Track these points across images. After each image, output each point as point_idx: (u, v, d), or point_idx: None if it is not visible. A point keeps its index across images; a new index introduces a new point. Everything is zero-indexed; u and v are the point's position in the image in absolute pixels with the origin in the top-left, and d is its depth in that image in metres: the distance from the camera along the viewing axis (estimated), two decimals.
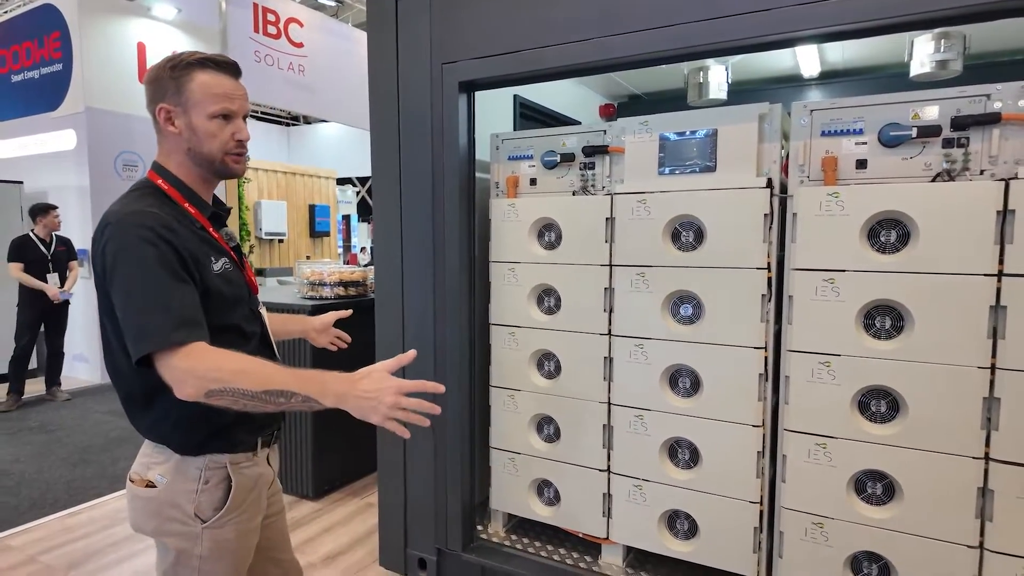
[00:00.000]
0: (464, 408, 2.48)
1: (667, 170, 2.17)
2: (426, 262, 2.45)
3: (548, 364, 2.47)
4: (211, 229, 1.33)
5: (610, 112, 4.16)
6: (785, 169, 2.07)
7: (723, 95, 3.14)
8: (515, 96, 3.04)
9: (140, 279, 1.15)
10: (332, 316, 1.73)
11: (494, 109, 2.89)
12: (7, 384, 5.29)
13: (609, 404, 2.33)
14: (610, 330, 2.30)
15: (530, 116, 3.17)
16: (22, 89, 6.60)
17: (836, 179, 1.92)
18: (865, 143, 1.89)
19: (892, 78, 3.21)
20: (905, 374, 1.84)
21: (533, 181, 2.46)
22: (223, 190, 6.94)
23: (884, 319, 1.88)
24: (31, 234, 5.21)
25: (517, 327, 2.49)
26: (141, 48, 6.48)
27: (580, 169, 2.36)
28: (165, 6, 6.69)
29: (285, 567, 1.58)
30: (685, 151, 2.13)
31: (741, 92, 3.57)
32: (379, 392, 1.09)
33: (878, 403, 1.91)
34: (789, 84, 3.58)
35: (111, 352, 1.28)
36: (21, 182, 6.37)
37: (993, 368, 1.74)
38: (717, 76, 3.10)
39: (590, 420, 2.36)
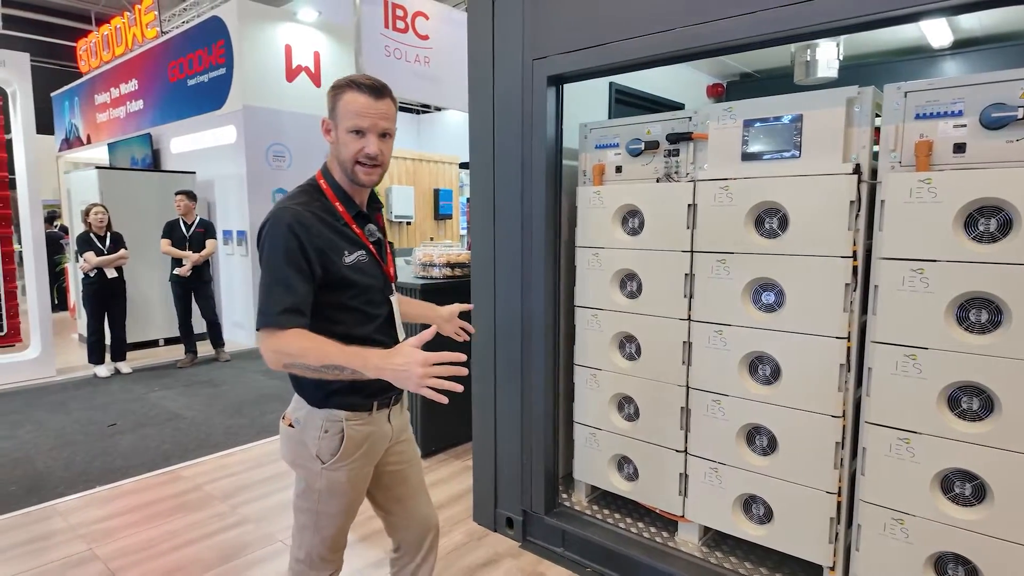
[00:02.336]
0: (549, 383, 2.66)
1: (750, 156, 2.16)
2: (515, 246, 2.63)
3: (629, 346, 2.56)
4: (354, 225, 1.54)
5: (718, 92, 4.07)
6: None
7: (833, 73, 2.99)
8: (610, 83, 3.11)
9: (271, 267, 1.42)
10: (457, 308, 1.88)
11: (590, 97, 2.98)
12: (184, 346, 6.32)
13: (688, 387, 2.39)
14: (690, 315, 2.35)
15: (626, 102, 3.22)
16: (195, 91, 7.64)
17: (930, 164, 1.83)
18: (964, 125, 1.78)
19: None
20: (1000, 371, 1.73)
21: (619, 169, 2.54)
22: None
23: (980, 312, 1.78)
24: (180, 218, 6.09)
25: (600, 309, 2.60)
26: (288, 50, 7.23)
27: (664, 156, 2.41)
28: (308, 10, 7.38)
29: (411, 510, 1.75)
30: (769, 137, 2.11)
31: (859, 67, 3.37)
32: (408, 365, 1.26)
33: (970, 400, 1.81)
34: (916, 56, 3.30)
35: None
36: (194, 172, 7.42)
37: None
38: (827, 53, 2.96)
39: (669, 402, 2.44)
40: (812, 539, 2.13)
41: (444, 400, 1.26)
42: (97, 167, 7.00)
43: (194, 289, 6.14)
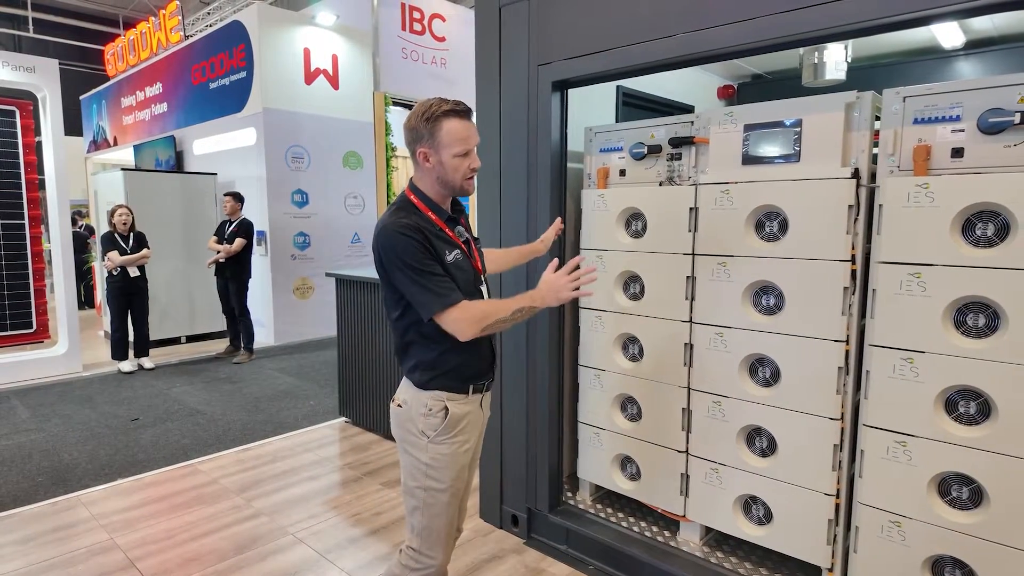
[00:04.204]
0: (554, 384, 2.70)
1: (751, 160, 2.18)
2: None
3: (632, 347, 2.60)
4: (447, 229, 1.72)
5: (730, 94, 4.07)
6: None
7: (841, 75, 2.99)
8: (617, 87, 3.14)
9: (410, 268, 1.59)
10: (550, 232, 2.21)
11: (598, 99, 3.02)
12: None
13: (689, 389, 2.42)
14: (691, 317, 2.38)
15: (634, 104, 3.25)
16: (218, 94, 7.81)
17: (928, 169, 1.84)
18: (963, 130, 1.79)
19: None
20: (997, 375, 1.74)
21: (623, 172, 2.58)
22: (366, 176, 7.68)
23: (977, 316, 1.79)
24: (228, 218, 6.28)
25: (604, 311, 2.64)
26: (306, 53, 7.36)
27: (667, 160, 2.44)
28: (326, 13, 7.50)
29: (464, 500, 1.93)
30: (769, 141, 2.13)
31: (868, 69, 3.36)
32: (555, 281, 1.65)
33: (967, 404, 1.82)
34: (928, 57, 3.27)
35: (390, 317, 1.77)
36: (215, 173, 7.59)
37: None
38: (835, 55, 2.95)
39: (670, 403, 2.47)
40: (811, 541, 2.15)
41: (591, 293, 1.66)
42: (123, 169, 7.20)
43: (227, 285, 6.34)
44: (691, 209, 2.34)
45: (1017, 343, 1.70)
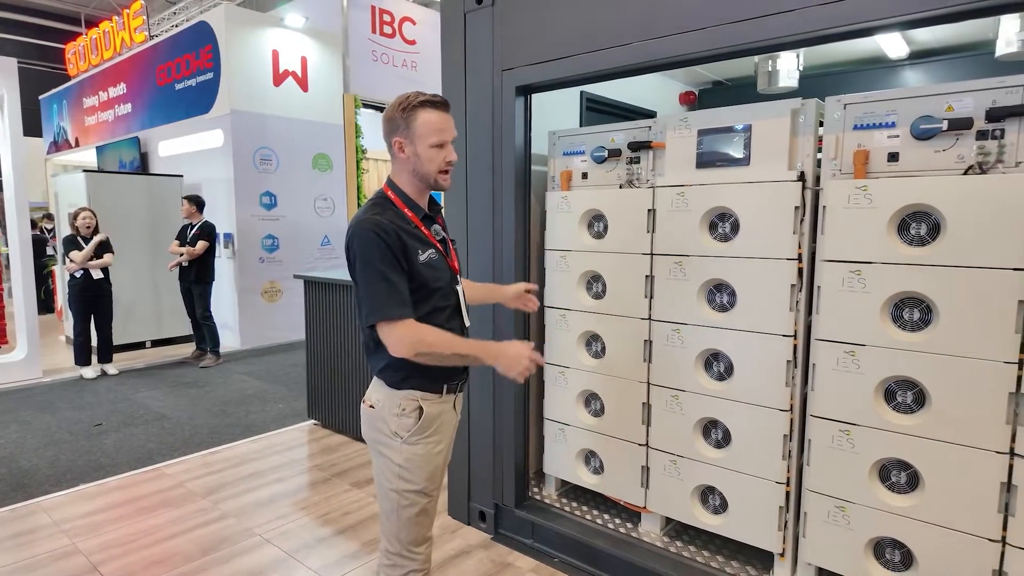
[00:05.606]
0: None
1: (704, 164, 2.28)
2: (486, 248, 2.74)
3: (595, 345, 2.67)
4: (422, 227, 1.70)
5: (691, 100, 4.19)
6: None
7: (794, 83, 3.12)
8: (581, 92, 3.22)
9: (369, 270, 1.58)
10: (522, 286, 2.13)
11: (561, 105, 3.10)
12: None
13: (648, 384, 2.50)
14: (650, 315, 2.47)
15: (597, 109, 3.33)
16: (184, 95, 7.71)
17: (866, 172, 1.95)
18: (897, 136, 1.90)
19: (983, 57, 3.00)
20: (931, 366, 1.85)
21: (585, 175, 2.66)
22: (336, 179, 7.66)
23: (912, 311, 1.90)
24: (189, 222, 6.22)
25: (568, 310, 2.71)
26: (275, 54, 7.31)
27: (627, 164, 2.52)
28: (295, 15, 7.47)
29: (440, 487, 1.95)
30: (721, 146, 2.23)
31: (820, 77, 3.50)
32: (522, 356, 1.62)
33: (904, 394, 1.93)
34: (875, 66, 3.43)
35: (360, 314, 1.71)
36: (181, 175, 7.49)
37: (1021, 363, 1.72)
38: (787, 64, 3.08)
39: (631, 398, 2.55)
40: (763, 527, 2.25)
41: (521, 380, 1.65)
42: (85, 170, 7.06)
43: (190, 287, 6.25)
44: (649, 211, 2.43)
45: (948, 336, 1.82)
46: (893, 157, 1.91)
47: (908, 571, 1.96)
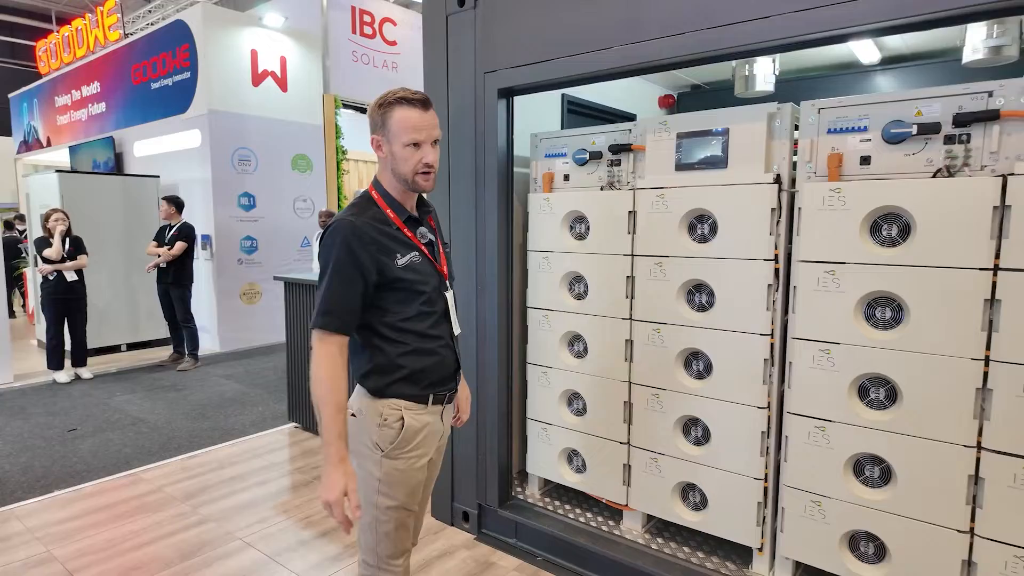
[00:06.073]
0: (503, 382, 2.78)
1: (683, 167, 2.32)
2: (469, 250, 2.75)
3: (577, 344, 2.70)
4: (405, 229, 1.64)
5: (670, 103, 4.25)
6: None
7: (770, 87, 3.17)
8: (563, 95, 3.25)
9: (324, 275, 1.55)
10: (464, 408, 1.92)
11: (543, 108, 3.12)
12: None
13: (630, 383, 2.53)
14: (631, 315, 2.50)
15: (579, 112, 3.37)
16: (160, 95, 7.59)
17: (840, 175, 2.00)
18: (869, 140, 1.96)
19: (951, 64, 3.09)
20: (902, 363, 1.91)
21: (567, 177, 2.68)
22: (316, 179, 7.61)
23: (884, 310, 1.96)
24: (167, 223, 6.14)
25: (550, 310, 2.74)
26: (254, 55, 7.24)
27: (608, 166, 2.55)
28: (274, 15, 7.41)
29: (424, 503, 1.83)
30: (699, 149, 2.27)
31: (797, 82, 3.58)
32: (330, 490, 1.47)
33: (877, 390, 1.99)
34: (848, 71, 3.52)
35: None
36: (158, 176, 7.37)
37: (987, 360, 1.78)
38: (764, 69, 3.14)
39: (613, 397, 2.58)
40: (742, 523, 2.29)
41: (344, 525, 1.50)
42: (58, 171, 6.92)
43: (168, 290, 6.17)
44: (630, 212, 2.46)
45: (918, 334, 1.88)
46: (865, 160, 1.97)
47: (881, 563, 2.01)
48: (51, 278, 5.51)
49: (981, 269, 1.77)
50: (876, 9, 1.76)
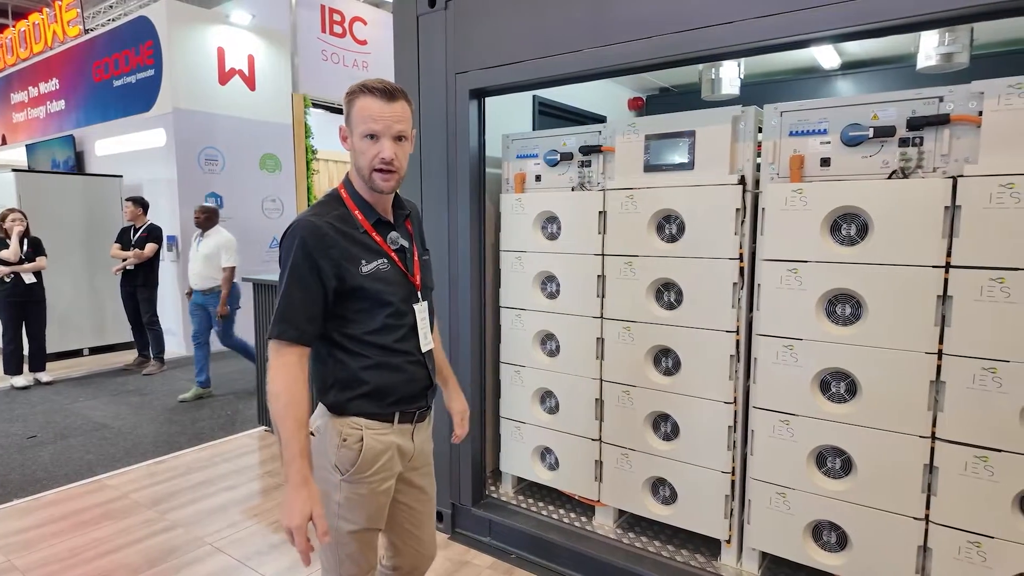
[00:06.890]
0: (476, 381, 2.79)
1: (651, 168, 2.37)
2: (442, 250, 2.76)
3: (550, 343, 2.73)
4: (374, 233, 1.50)
5: (639, 106, 4.31)
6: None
7: (735, 90, 3.24)
8: (534, 96, 3.28)
9: (281, 280, 1.44)
10: (463, 422, 1.93)
11: (515, 109, 3.14)
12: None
13: (601, 380, 2.57)
14: (602, 314, 2.54)
15: (550, 114, 3.40)
16: (122, 92, 7.40)
17: (801, 176, 2.07)
18: (829, 142, 2.03)
19: (906, 69, 3.21)
20: (860, 358, 1.98)
21: (538, 178, 2.71)
22: (285, 179, 7.51)
23: (844, 307, 2.03)
24: (131, 224, 6.00)
25: (523, 310, 2.76)
26: (220, 52, 7.11)
27: (579, 167, 2.59)
28: (241, 13, 7.29)
29: (413, 544, 1.72)
30: (667, 151, 2.32)
31: (762, 85, 3.67)
32: (291, 515, 1.33)
33: (838, 384, 2.06)
34: (811, 76, 3.62)
35: None
36: (121, 176, 7.19)
37: (940, 354, 1.86)
38: (729, 72, 3.20)
39: (585, 394, 2.61)
40: (711, 516, 2.34)
41: (303, 555, 1.34)
42: (14, 170, 6.70)
43: (136, 292, 6.03)
44: (600, 212, 2.50)
45: (876, 329, 1.95)
46: (825, 162, 2.04)
47: (843, 551, 2.08)
48: (8, 280, 5.34)
49: (934, 267, 1.85)
50: (836, 16, 1.82)
